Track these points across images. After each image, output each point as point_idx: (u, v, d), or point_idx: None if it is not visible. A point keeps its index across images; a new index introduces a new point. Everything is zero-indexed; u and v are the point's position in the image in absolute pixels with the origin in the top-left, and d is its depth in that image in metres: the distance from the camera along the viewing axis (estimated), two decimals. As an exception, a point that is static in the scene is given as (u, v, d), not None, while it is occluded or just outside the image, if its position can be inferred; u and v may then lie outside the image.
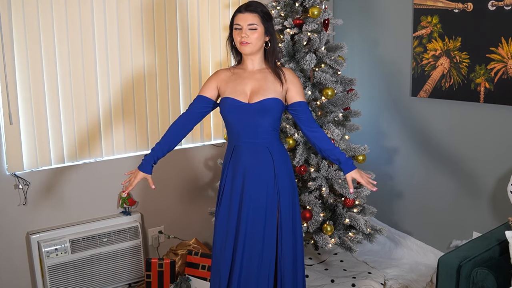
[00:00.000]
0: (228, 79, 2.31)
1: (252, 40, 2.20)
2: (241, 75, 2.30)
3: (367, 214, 3.13)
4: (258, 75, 2.29)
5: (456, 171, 3.24)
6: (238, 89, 2.26)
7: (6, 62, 2.78)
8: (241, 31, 2.21)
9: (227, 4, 3.49)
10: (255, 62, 2.30)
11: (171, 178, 3.46)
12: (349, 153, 3.15)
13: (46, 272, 2.93)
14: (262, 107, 2.22)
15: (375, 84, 3.75)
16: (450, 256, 2.29)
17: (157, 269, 3.07)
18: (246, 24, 2.20)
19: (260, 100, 2.22)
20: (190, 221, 3.57)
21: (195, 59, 3.42)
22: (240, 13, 2.22)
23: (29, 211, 2.98)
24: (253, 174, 2.25)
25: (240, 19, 2.21)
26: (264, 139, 2.25)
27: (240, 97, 2.24)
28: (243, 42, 2.21)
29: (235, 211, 2.27)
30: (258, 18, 2.21)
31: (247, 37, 2.20)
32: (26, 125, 2.90)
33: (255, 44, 2.22)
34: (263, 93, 2.23)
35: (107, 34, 3.08)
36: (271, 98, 2.23)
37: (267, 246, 2.26)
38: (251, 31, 2.20)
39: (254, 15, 2.21)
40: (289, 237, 2.30)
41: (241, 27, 2.21)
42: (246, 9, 2.21)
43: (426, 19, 3.25)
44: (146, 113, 3.29)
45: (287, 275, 2.30)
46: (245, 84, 2.27)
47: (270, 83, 2.26)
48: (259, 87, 2.25)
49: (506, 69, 2.83)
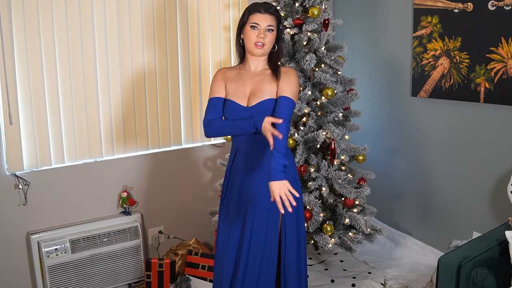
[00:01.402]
0: (232, 78, 2.29)
1: (267, 41, 2.19)
2: (242, 76, 2.29)
3: (367, 214, 3.12)
4: (258, 76, 2.28)
5: (456, 171, 3.24)
6: (239, 91, 2.26)
7: (6, 62, 2.78)
8: (259, 31, 2.18)
9: (227, 4, 3.49)
10: (259, 63, 2.29)
11: (171, 178, 3.46)
12: (349, 153, 3.15)
13: (46, 272, 2.93)
14: (259, 110, 2.21)
15: (375, 84, 3.75)
16: (450, 256, 2.29)
17: (157, 269, 3.07)
18: (265, 25, 2.18)
19: (256, 103, 2.22)
20: (190, 221, 3.57)
21: (195, 59, 3.42)
22: (259, 13, 2.18)
23: (29, 211, 2.98)
24: (256, 174, 2.24)
25: (259, 19, 2.18)
26: (262, 138, 2.23)
27: (241, 100, 2.24)
28: (258, 44, 2.18)
29: (240, 212, 2.27)
30: (275, 21, 2.21)
31: (264, 38, 2.18)
32: (26, 125, 2.90)
33: (269, 46, 2.22)
34: (260, 95, 2.23)
35: (107, 34, 3.08)
36: (267, 100, 2.22)
37: (269, 247, 2.25)
38: (268, 33, 2.19)
39: (273, 17, 2.20)
40: (293, 238, 2.28)
41: (259, 27, 2.18)
42: (265, 10, 2.18)
43: (426, 19, 3.25)
44: (146, 113, 3.29)
45: (291, 276, 2.29)
46: (245, 86, 2.27)
47: (267, 83, 2.25)
48: (256, 89, 2.25)
49: (506, 69, 2.83)
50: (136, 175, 3.32)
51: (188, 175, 3.54)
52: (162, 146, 3.39)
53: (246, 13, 2.23)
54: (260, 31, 2.18)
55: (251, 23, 2.19)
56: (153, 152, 3.36)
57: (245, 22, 2.22)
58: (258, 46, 2.19)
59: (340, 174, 3.00)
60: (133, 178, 3.31)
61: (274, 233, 2.25)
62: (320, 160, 3.05)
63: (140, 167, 3.34)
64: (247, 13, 2.22)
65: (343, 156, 3.06)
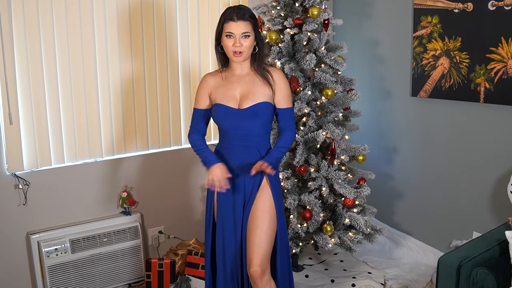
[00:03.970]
0: (217, 85, 2.32)
1: (244, 48, 2.20)
2: (229, 80, 2.31)
3: (367, 214, 3.12)
4: (247, 78, 2.30)
5: (456, 171, 3.24)
6: (228, 94, 2.27)
7: (6, 62, 2.78)
8: (234, 40, 2.18)
9: (227, 4, 3.49)
10: (244, 66, 2.31)
11: (171, 178, 3.46)
12: (349, 153, 3.15)
13: (46, 272, 2.93)
14: (253, 112, 2.24)
15: (375, 84, 3.75)
16: (450, 256, 2.29)
17: (157, 269, 3.07)
18: (240, 33, 2.17)
19: (251, 105, 2.24)
20: (190, 221, 3.57)
21: (195, 58, 3.42)
22: (232, 21, 2.17)
23: (29, 211, 2.98)
24: (243, 173, 2.29)
25: (232, 27, 2.17)
26: (254, 141, 2.29)
27: (231, 102, 2.26)
28: (236, 53, 2.19)
29: (236, 209, 2.32)
30: (250, 25, 2.20)
31: (240, 46, 2.18)
32: (26, 125, 2.90)
33: (248, 52, 2.23)
34: (253, 97, 2.25)
35: (107, 34, 3.08)
36: (262, 103, 2.25)
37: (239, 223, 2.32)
38: (244, 39, 2.19)
39: (246, 22, 2.18)
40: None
41: (233, 35, 2.18)
42: (238, 17, 2.17)
43: (426, 19, 3.25)
44: (146, 113, 3.29)
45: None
46: (234, 88, 2.28)
47: (259, 86, 2.27)
48: (248, 91, 2.26)
49: (506, 69, 2.83)
50: (136, 175, 3.32)
51: (188, 175, 3.54)
52: (162, 146, 3.39)
53: (221, 21, 2.22)
54: (235, 40, 2.18)
55: (225, 33, 2.20)
56: (153, 152, 3.36)
57: (220, 31, 2.22)
58: (236, 55, 2.20)
59: (340, 174, 3.00)
60: (133, 178, 3.31)
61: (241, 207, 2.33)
62: (320, 160, 3.05)
63: (140, 167, 3.34)
64: (221, 22, 2.21)
65: (343, 156, 3.06)
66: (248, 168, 2.24)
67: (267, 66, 2.35)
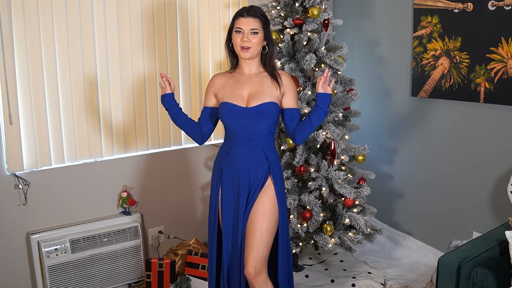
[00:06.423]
0: (225, 84, 2.36)
1: (252, 44, 2.23)
2: (238, 79, 2.35)
3: (367, 214, 3.12)
4: (255, 78, 2.33)
5: (456, 171, 3.24)
6: (236, 93, 2.31)
7: (6, 62, 2.78)
8: (243, 35, 2.23)
9: (227, 4, 3.49)
10: (252, 66, 2.34)
11: (171, 178, 3.46)
12: (349, 153, 3.15)
13: (46, 272, 2.93)
14: (260, 111, 2.27)
15: (375, 84, 3.75)
16: (450, 256, 2.29)
17: (157, 269, 3.07)
18: (248, 29, 2.23)
19: (258, 104, 2.27)
20: (190, 221, 3.57)
21: (195, 59, 3.42)
22: (242, 17, 2.24)
23: (29, 211, 2.98)
24: (248, 173, 2.29)
25: (242, 23, 2.23)
26: (259, 141, 2.30)
27: (238, 101, 2.29)
28: (243, 48, 2.23)
29: (237, 207, 2.33)
30: (260, 23, 2.25)
31: (248, 41, 2.22)
32: (26, 125, 2.90)
33: (255, 49, 2.26)
34: (261, 97, 2.28)
35: (107, 34, 3.08)
36: (269, 102, 2.28)
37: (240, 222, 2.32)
38: (252, 36, 2.23)
39: (256, 20, 2.24)
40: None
41: (242, 31, 2.23)
42: (248, 14, 2.23)
43: (426, 19, 3.25)
44: (146, 113, 3.29)
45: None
46: (242, 88, 2.31)
47: (267, 86, 2.31)
48: (256, 91, 2.29)
49: (506, 69, 2.83)
50: (136, 175, 3.32)
51: (188, 175, 3.54)
52: (162, 146, 3.39)
53: (232, 19, 2.29)
54: (244, 35, 2.23)
55: (235, 28, 2.26)
56: (153, 152, 3.36)
57: (231, 28, 2.29)
58: (243, 50, 2.25)
59: (340, 174, 3.00)
60: (133, 178, 3.31)
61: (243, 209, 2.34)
62: (320, 160, 3.05)
63: (140, 167, 3.34)
64: (233, 19, 2.29)
65: (343, 156, 3.06)
66: (253, 167, 2.27)
67: (277, 69, 2.39)
